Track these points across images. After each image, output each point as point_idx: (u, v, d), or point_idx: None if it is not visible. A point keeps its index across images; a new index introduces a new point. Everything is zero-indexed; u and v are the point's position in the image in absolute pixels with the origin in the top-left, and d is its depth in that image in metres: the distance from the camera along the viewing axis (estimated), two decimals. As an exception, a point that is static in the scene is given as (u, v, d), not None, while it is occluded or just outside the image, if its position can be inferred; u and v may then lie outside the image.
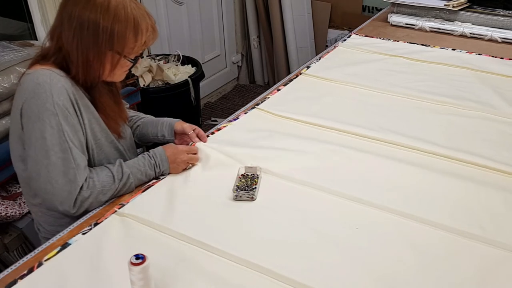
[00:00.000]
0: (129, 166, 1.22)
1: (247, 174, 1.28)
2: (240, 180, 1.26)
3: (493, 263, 1.02)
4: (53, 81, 1.11)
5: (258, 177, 1.27)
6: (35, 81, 1.11)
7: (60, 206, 1.13)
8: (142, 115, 1.51)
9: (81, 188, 1.13)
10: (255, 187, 1.23)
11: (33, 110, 1.10)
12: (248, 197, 1.20)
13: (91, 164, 1.22)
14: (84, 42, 1.12)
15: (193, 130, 1.41)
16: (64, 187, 1.11)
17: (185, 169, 1.31)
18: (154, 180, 1.28)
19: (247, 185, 1.24)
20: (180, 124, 1.43)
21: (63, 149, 1.11)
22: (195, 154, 1.34)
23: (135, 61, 1.21)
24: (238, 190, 1.22)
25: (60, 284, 0.98)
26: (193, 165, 1.32)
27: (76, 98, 1.16)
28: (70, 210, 1.14)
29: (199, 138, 1.41)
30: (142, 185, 1.26)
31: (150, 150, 1.28)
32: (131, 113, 1.51)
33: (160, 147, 1.29)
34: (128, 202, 1.20)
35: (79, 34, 1.12)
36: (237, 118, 1.57)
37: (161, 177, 1.29)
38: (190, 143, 1.40)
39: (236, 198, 1.21)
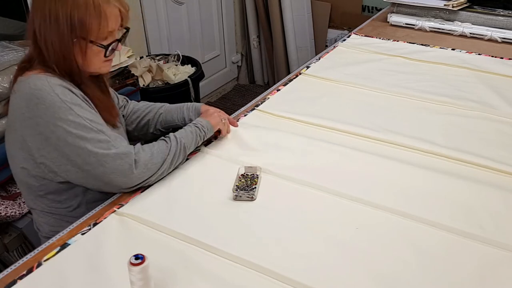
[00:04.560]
0: (173, 133, 1.28)
1: (247, 174, 1.28)
2: (240, 180, 1.26)
3: (493, 263, 1.02)
4: (51, 82, 1.10)
5: (258, 177, 1.27)
6: (33, 87, 1.09)
7: (124, 178, 1.13)
8: (159, 104, 1.53)
9: (137, 152, 1.15)
10: (255, 187, 1.23)
11: (46, 115, 1.08)
12: (248, 197, 1.20)
13: None
14: (51, 35, 1.10)
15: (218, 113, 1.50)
16: (117, 161, 1.11)
17: (220, 123, 1.42)
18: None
19: (247, 185, 1.24)
20: (205, 107, 1.48)
21: (93, 134, 1.11)
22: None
23: (107, 46, 1.15)
24: (238, 190, 1.22)
25: (60, 284, 0.98)
26: (224, 121, 1.43)
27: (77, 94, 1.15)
28: (133, 175, 1.14)
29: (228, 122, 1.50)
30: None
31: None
32: (145, 104, 1.52)
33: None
34: (127, 202, 1.20)
35: (44, 28, 1.10)
36: (237, 120, 1.57)
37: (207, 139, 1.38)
38: None
39: (236, 198, 1.20)
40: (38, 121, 1.09)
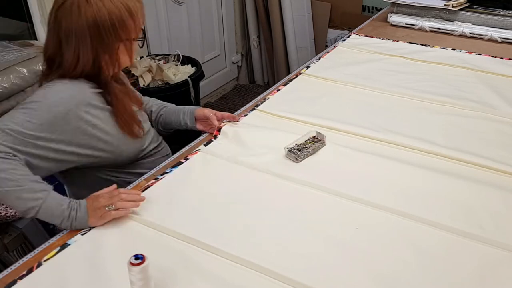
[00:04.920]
0: (51, 190, 1.13)
1: (316, 138, 1.41)
2: (305, 140, 1.39)
3: (493, 263, 1.02)
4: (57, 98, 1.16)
5: (318, 146, 1.38)
6: (42, 94, 1.18)
7: None
8: (164, 104, 1.57)
9: None
10: (308, 152, 1.35)
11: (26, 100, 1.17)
12: (294, 156, 1.34)
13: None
14: (94, 47, 1.17)
15: (214, 114, 1.49)
16: None
17: (217, 133, 1.39)
18: (152, 181, 1.28)
19: (304, 147, 1.36)
20: (201, 110, 1.51)
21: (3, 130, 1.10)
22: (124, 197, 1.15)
23: (142, 37, 1.27)
24: (294, 147, 1.36)
25: (60, 284, 0.98)
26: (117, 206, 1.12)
27: (82, 114, 1.18)
28: None
29: (227, 119, 1.51)
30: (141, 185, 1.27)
31: None
32: (154, 101, 1.58)
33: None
34: (127, 202, 1.20)
35: (84, 44, 1.16)
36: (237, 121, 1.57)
37: (81, 231, 1.12)
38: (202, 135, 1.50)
39: (287, 154, 1.36)
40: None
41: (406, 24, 2.37)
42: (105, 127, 1.24)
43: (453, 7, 2.27)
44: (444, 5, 2.29)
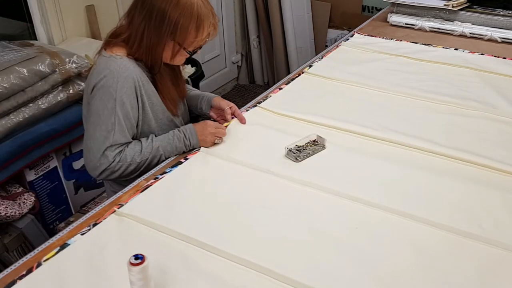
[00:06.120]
0: (159, 140, 1.35)
1: (316, 141, 1.41)
2: (306, 142, 1.40)
3: (493, 263, 1.02)
4: (121, 70, 1.25)
5: (319, 149, 1.38)
6: (108, 67, 1.26)
7: (90, 171, 1.32)
8: (189, 88, 1.62)
9: (112, 162, 1.27)
10: (308, 153, 1.35)
11: (99, 90, 1.26)
12: (294, 156, 1.34)
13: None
14: (150, 28, 1.25)
15: (230, 108, 1.53)
16: (98, 160, 1.27)
17: (213, 144, 1.41)
18: (152, 180, 1.28)
19: (304, 148, 1.37)
20: (217, 100, 1.55)
21: (108, 129, 1.26)
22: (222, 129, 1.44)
23: (193, 53, 1.33)
24: (294, 148, 1.36)
25: (59, 284, 0.98)
26: (221, 139, 1.42)
27: (142, 85, 1.30)
28: (95, 177, 1.32)
29: (237, 118, 1.53)
30: (141, 184, 1.27)
31: (181, 126, 1.41)
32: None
33: (190, 124, 1.42)
34: (127, 202, 1.20)
35: (147, 20, 1.25)
36: (239, 116, 1.57)
37: (193, 151, 1.39)
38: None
39: (287, 154, 1.36)
40: (94, 91, 1.27)
41: (406, 24, 2.37)
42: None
43: (453, 7, 2.27)
44: (444, 5, 2.29)
